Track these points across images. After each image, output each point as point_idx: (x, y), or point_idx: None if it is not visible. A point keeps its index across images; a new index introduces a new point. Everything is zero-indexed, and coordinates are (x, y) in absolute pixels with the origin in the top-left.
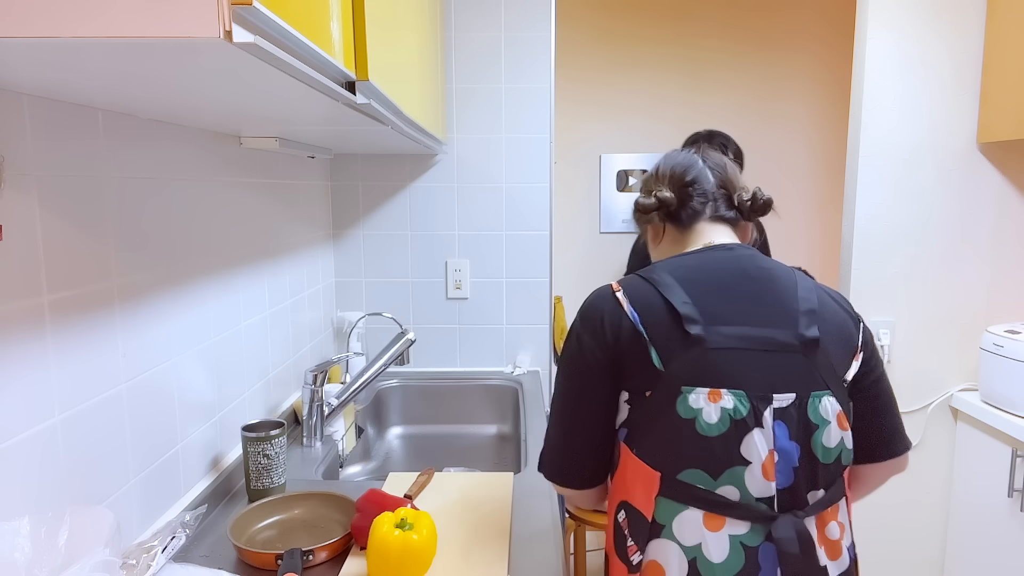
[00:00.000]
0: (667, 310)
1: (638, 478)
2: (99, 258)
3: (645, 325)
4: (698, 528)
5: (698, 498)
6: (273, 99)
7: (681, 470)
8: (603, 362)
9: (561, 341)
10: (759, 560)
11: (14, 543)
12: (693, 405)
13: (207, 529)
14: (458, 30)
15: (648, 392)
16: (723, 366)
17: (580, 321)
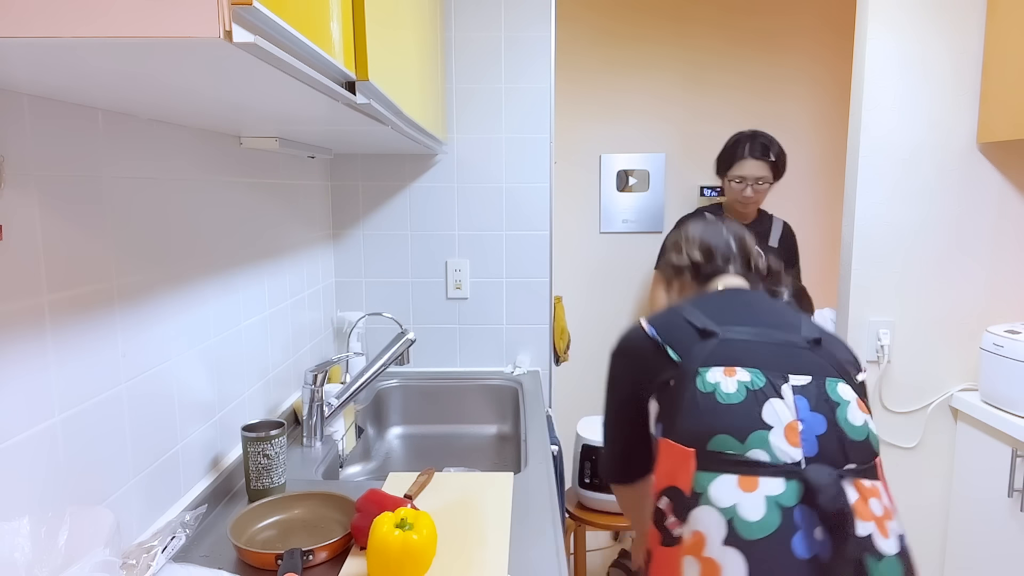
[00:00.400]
0: (684, 323)
1: (676, 461)
2: (99, 258)
3: (661, 334)
4: (733, 490)
5: (729, 462)
6: (273, 99)
7: (709, 439)
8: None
9: (561, 341)
10: (795, 520)
11: (14, 543)
12: (711, 380)
13: (207, 529)
14: (458, 30)
15: (671, 381)
16: (736, 352)
17: (614, 351)
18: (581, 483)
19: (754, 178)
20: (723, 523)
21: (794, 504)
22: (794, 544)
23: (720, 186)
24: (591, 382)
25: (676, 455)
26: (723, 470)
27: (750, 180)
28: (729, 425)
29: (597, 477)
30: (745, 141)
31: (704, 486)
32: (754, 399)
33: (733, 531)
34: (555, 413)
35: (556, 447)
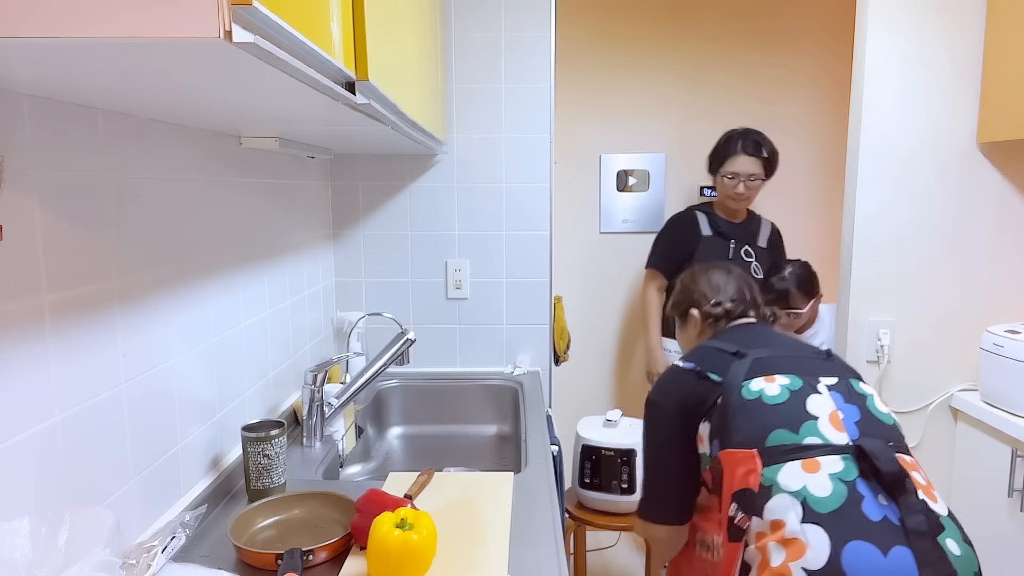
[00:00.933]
0: (716, 352)
1: (741, 466)
2: (99, 258)
3: (699, 364)
4: (799, 474)
5: (789, 451)
6: (273, 99)
7: (767, 436)
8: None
9: (561, 341)
10: (859, 490)
11: (14, 543)
12: (754, 388)
13: (207, 529)
14: (458, 30)
15: (718, 400)
16: (766, 364)
17: (652, 393)
18: (581, 483)
19: (747, 174)
20: (797, 504)
21: (854, 477)
22: (865, 509)
23: None
24: (591, 382)
25: (739, 460)
26: (785, 460)
27: (743, 176)
28: (781, 421)
29: (597, 477)
30: (737, 138)
31: (772, 478)
32: (797, 397)
33: (808, 509)
34: (555, 413)
35: (556, 447)
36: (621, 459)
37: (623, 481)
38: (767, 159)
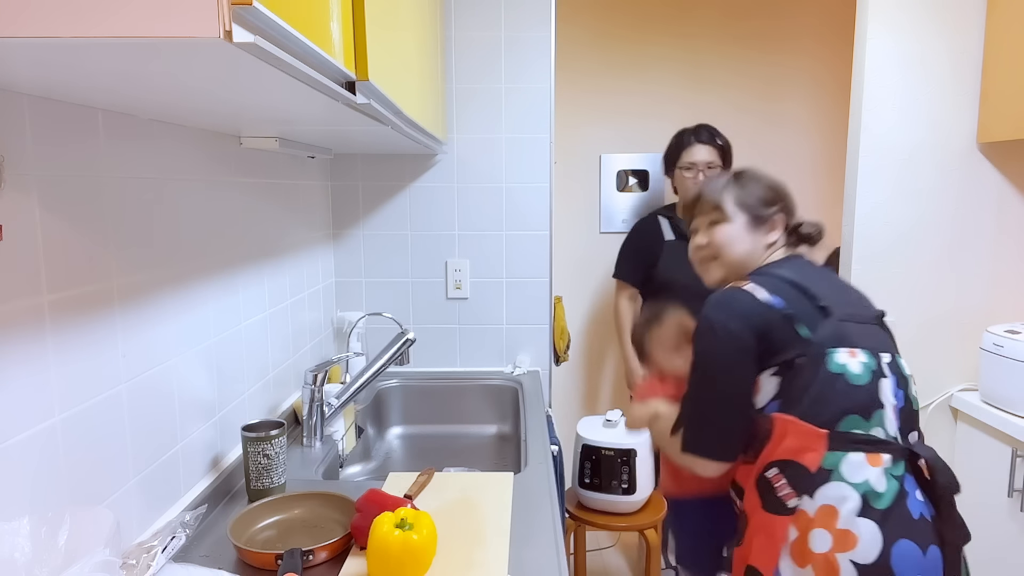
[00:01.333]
0: (799, 293)
1: (803, 439)
2: (99, 258)
3: (787, 305)
4: (864, 467)
5: (858, 442)
6: (273, 99)
7: (840, 419)
8: (749, 345)
9: (561, 341)
10: (905, 487)
11: (14, 543)
12: (839, 361)
13: (207, 529)
14: (458, 30)
15: (797, 359)
16: (849, 332)
17: (719, 314)
18: (581, 483)
19: (704, 163)
20: (857, 497)
21: (903, 473)
22: (909, 507)
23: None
24: (591, 382)
25: (803, 434)
26: (852, 449)
27: (700, 165)
28: (856, 406)
29: (597, 477)
30: (690, 132)
31: (835, 464)
32: (873, 379)
33: (867, 504)
34: (555, 413)
35: (556, 447)
36: (621, 459)
37: (623, 481)
38: (722, 147)
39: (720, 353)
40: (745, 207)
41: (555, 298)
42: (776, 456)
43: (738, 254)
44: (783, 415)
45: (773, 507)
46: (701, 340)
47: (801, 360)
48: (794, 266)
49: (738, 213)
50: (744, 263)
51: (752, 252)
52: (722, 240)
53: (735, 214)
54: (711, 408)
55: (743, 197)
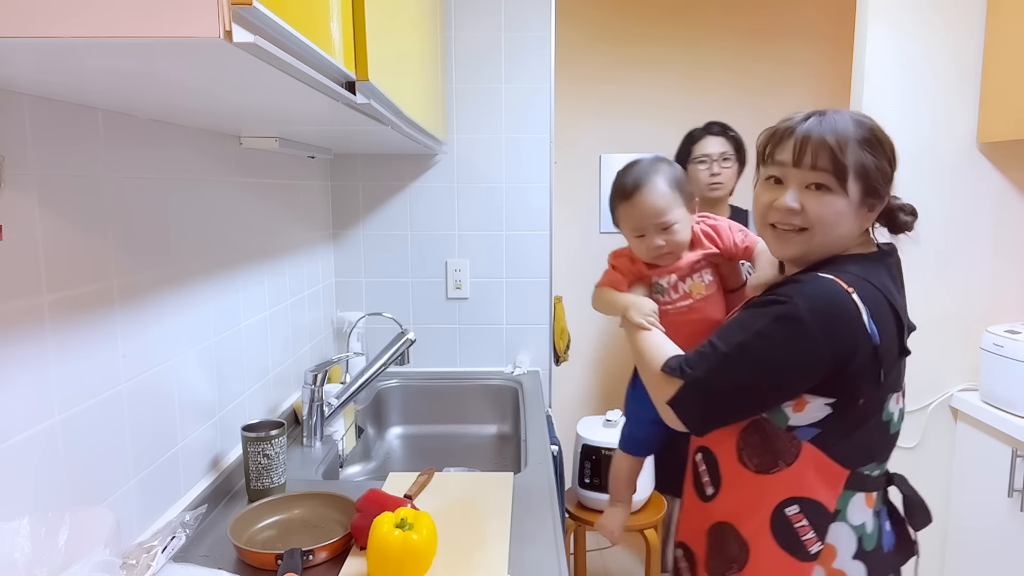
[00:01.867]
0: (894, 321)
1: (824, 477)
2: (99, 258)
3: (882, 340)
4: (863, 508)
5: (865, 481)
6: (273, 99)
7: (866, 463)
8: (825, 365)
9: (561, 341)
10: (882, 521)
11: (14, 543)
12: (890, 409)
13: (207, 529)
14: (458, 30)
15: (862, 400)
16: (903, 372)
17: (818, 317)
18: (581, 483)
19: (718, 154)
20: (854, 539)
21: (881, 507)
22: (883, 542)
23: None
24: (591, 382)
25: (827, 471)
26: (859, 488)
27: (714, 156)
28: (885, 452)
29: (597, 477)
30: (701, 128)
31: (844, 504)
32: (901, 424)
33: (861, 547)
34: (555, 413)
35: (556, 447)
36: None
37: None
38: (735, 139)
39: (788, 352)
40: (865, 178)
41: (555, 298)
42: (797, 492)
43: (837, 236)
44: (815, 448)
45: (791, 548)
46: (780, 325)
47: (863, 402)
48: (890, 272)
49: (855, 185)
50: (835, 246)
51: (849, 235)
52: (826, 216)
53: (852, 185)
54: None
55: (867, 165)
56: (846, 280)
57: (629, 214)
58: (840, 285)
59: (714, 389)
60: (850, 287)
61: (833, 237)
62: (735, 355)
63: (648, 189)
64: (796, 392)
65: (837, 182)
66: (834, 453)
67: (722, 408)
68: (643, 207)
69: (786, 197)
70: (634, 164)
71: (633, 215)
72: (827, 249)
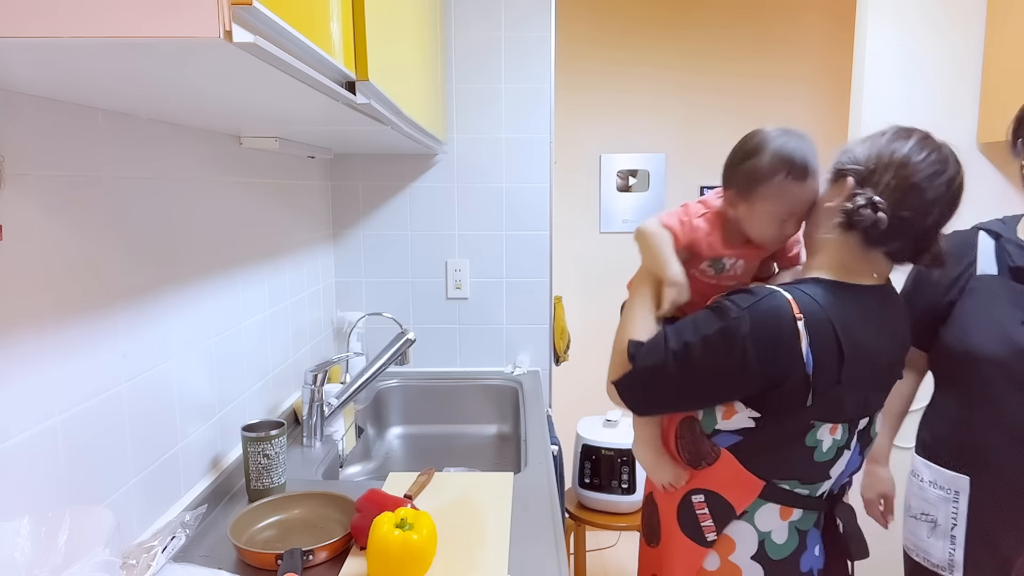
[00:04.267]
0: (836, 352)
1: (738, 481)
2: (99, 258)
3: (815, 370)
4: (774, 518)
5: (783, 496)
6: (273, 99)
7: (786, 480)
8: (758, 382)
9: (561, 341)
10: (807, 541)
11: (14, 543)
12: (818, 437)
13: (207, 529)
14: (458, 30)
15: (782, 421)
16: (843, 402)
17: (753, 329)
18: (581, 483)
19: None
20: (756, 542)
21: (809, 528)
22: (802, 562)
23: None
24: (591, 382)
25: (741, 478)
26: (774, 500)
27: None
28: (807, 477)
29: (597, 477)
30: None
31: (754, 509)
32: (836, 456)
33: (763, 550)
34: (555, 413)
35: (556, 447)
36: (621, 459)
37: (623, 481)
38: None
39: (725, 365)
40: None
41: (555, 298)
42: (707, 484)
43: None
44: (732, 457)
45: (691, 533)
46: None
47: (784, 423)
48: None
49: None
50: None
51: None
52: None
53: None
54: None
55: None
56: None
57: (795, 194)
58: (791, 309)
59: (654, 384)
60: (800, 313)
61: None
62: (681, 355)
63: (820, 176)
64: (728, 399)
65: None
66: (749, 464)
67: (659, 400)
68: (813, 193)
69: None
70: (792, 134)
71: (798, 198)
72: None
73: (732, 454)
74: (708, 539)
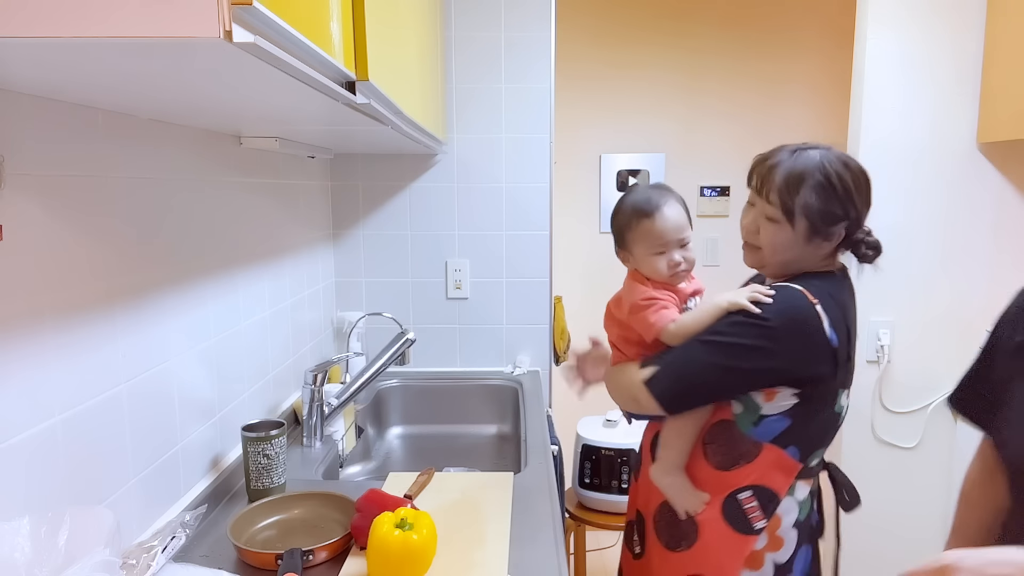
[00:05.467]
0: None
1: (780, 467)
2: (99, 258)
3: (838, 346)
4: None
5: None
6: (273, 99)
7: (814, 453)
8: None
9: (561, 341)
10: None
11: (14, 543)
12: (841, 404)
13: (207, 529)
14: (458, 30)
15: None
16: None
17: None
18: (581, 483)
19: None
20: (796, 511)
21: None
22: (812, 518)
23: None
24: None
25: (782, 463)
26: (805, 477)
27: None
28: (831, 438)
29: (597, 477)
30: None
31: (793, 488)
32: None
33: (798, 516)
34: (555, 413)
35: (556, 447)
36: (621, 459)
37: (623, 481)
38: None
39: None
40: (810, 218)
41: (555, 298)
42: (750, 480)
43: (784, 260)
44: (776, 448)
45: (740, 527)
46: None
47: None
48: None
49: (801, 220)
50: (788, 267)
51: (800, 259)
52: (772, 243)
53: (798, 220)
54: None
55: (812, 207)
56: (812, 292)
57: (651, 231)
58: (806, 297)
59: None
60: (815, 299)
61: (783, 259)
62: (706, 339)
63: (670, 206)
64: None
65: (784, 217)
66: (794, 447)
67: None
68: (666, 223)
69: (746, 219)
70: (641, 188)
71: (655, 231)
72: (785, 268)
73: (775, 443)
74: (757, 527)
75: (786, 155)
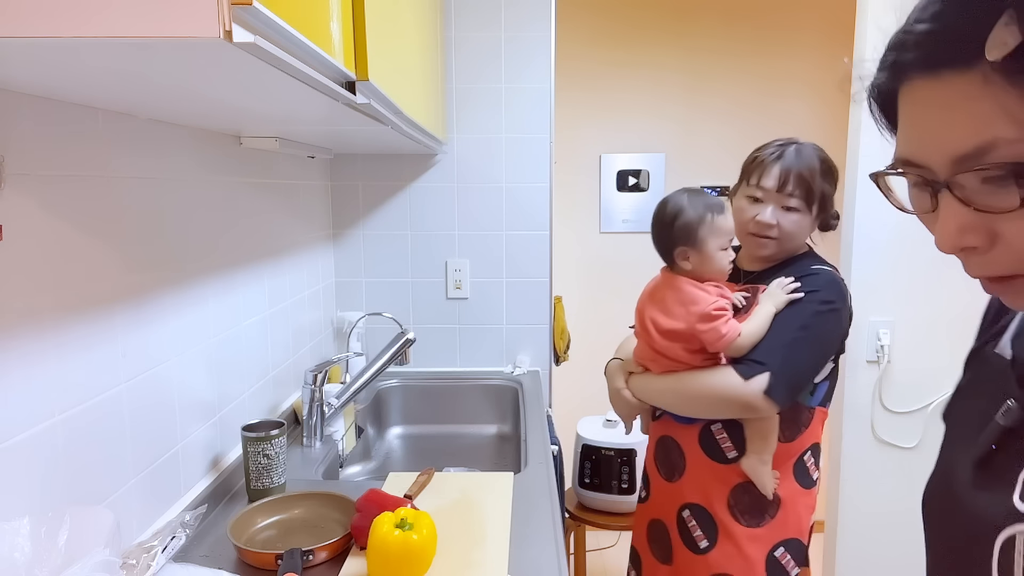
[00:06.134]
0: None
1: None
2: (99, 258)
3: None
4: None
5: None
6: (273, 99)
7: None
8: (845, 336)
9: (561, 341)
10: None
11: (14, 543)
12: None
13: (207, 529)
14: (458, 30)
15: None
16: None
17: (842, 299)
18: (581, 483)
19: None
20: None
21: None
22: None
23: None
24: (591, 382)
25: (823, 419)
26: None
27: None
28: None
29: (597, 477)
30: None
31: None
32: None
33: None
34: (555, 413)
35: (556, 447)
36: (621, 459)
37: (623, 481)
38: None
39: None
40: (822, 201)
41: (555, 298)
42: (811, 441)
43: (797, 243)
44: (823, 408)
45: (806, 483)
46: (825, 309)
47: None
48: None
49: (816, 206)
50: (792, 251)
51: (803, 241)
52: (793, 230)
53: (816, 207)
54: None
55: (826, 192)
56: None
57: (724, 225)
58: (837, 273)
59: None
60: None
61: (794, 244)
62: (801, 336)
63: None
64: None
65: (806, 206)
66: (827, 403)
67: (805, 378)
68: (732, 219)
69: (766, 214)
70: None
71: (728, 226)
72: (787, 252)
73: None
74: (815, 478)
75: (793, 154)
